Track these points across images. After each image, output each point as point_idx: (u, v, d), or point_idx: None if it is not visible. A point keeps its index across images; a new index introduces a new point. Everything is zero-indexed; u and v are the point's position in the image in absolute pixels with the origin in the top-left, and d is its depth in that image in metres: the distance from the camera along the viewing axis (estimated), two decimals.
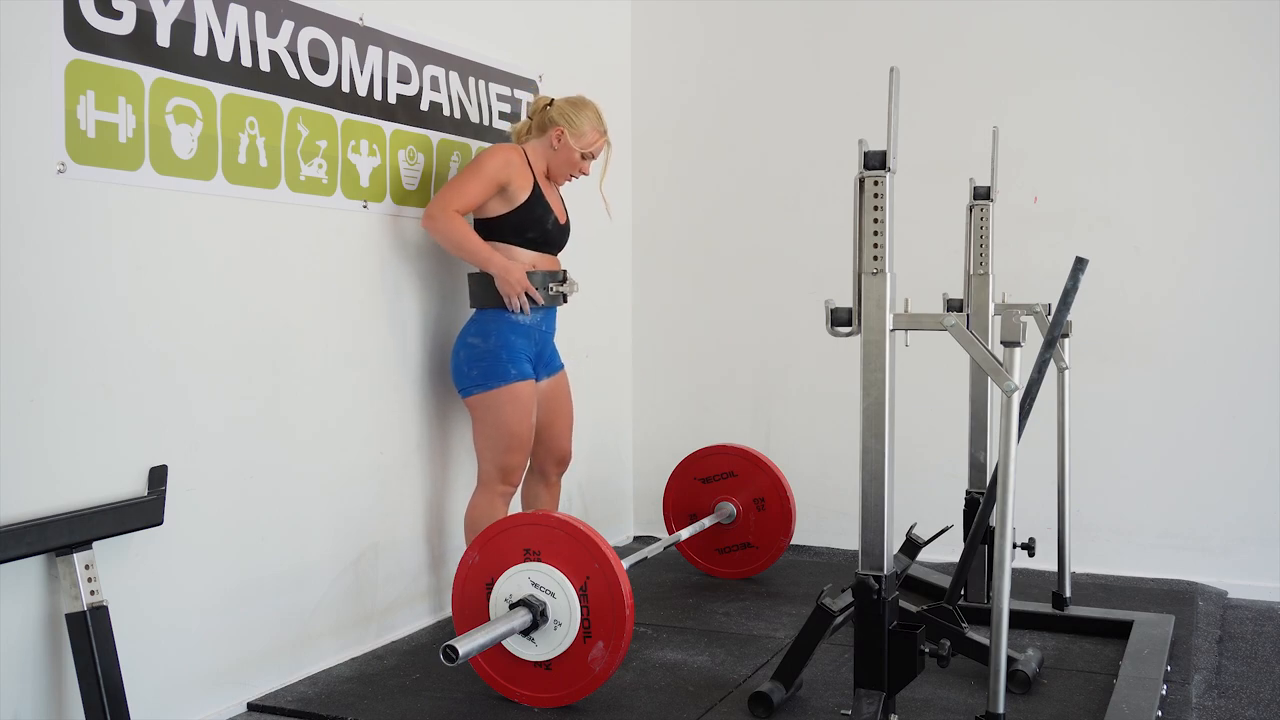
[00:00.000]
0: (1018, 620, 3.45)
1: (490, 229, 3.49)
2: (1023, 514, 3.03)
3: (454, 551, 3.74)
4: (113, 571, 2.58)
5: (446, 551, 3.74)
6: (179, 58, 2.75)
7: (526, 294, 3.43)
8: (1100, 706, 2.89)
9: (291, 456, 3.13)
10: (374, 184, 3.40)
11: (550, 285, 3.52)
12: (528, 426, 3.50)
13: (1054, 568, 3.60)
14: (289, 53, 3.08)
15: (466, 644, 2.68)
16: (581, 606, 2.86)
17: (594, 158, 3.63)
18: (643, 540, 4.90)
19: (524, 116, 3.66)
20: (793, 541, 4.26)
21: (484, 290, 3.48)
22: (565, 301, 3.60)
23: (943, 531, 3.44)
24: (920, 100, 4.12)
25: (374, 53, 3.39)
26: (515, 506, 3.94)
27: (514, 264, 3.43)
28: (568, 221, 3.68)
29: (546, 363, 3.64)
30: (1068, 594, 3.55)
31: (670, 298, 4.95)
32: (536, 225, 3.51)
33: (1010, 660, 2.99)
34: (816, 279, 4.52)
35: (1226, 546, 4.17)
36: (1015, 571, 3.55)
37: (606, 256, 4.76)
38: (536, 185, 3.52)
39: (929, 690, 2.99)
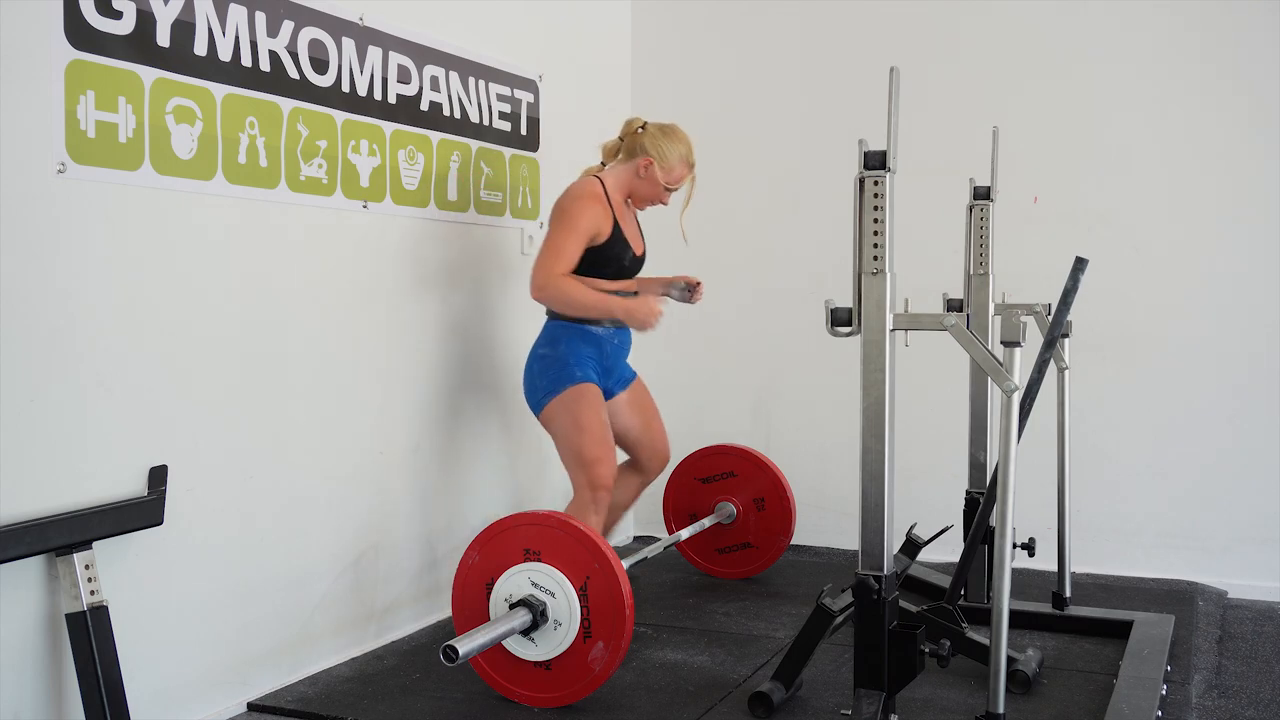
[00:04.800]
0: (1018, 620, 3.45)
1: None
2: (1023, 514, 3.02)
3: (454, 551, 3.74)
4: (113, 571, 2.58)
5: (446, 551, 3.74)
6: (179, 58, 2.75)
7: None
8: (1100, 706, 2.89)
9: (291, 456, 3.13)
10: (374, 184, 3.40)
11: None
12: (601, 422, 3.51)
13: (1054, 568, 3.60)
14: (289, 53, 3.08)
15: (466, 644, 2.68)
16: (581, 606, 2.86)
17: (674, 191, 3.67)
18: (643, 540, 4.89)
19: (617, 136, 3.69)
20: (793, 541, 4.26)
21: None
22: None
23: (943, 531, 3.44)
24: (920, 100, 4.11)
25: (374, 53, 3.39)
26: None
27: (636, 303, 3.42)
28: (644, 252, 3.73)
29: (619, 376, 3.71)
30: (1068, 594, 3.55)
31: None
32: (614, 262, 3.56)
33: (1010, 660, 2.99)
34: (816, 279, 4.52)
35: (1226, 546, 4.16)
36: (1015, 571, 3.54)
37: None
38: (616, 224, 3.55)
39: (929, 690, 2.99)
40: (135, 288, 2.67)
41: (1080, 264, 2.94)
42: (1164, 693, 2.97)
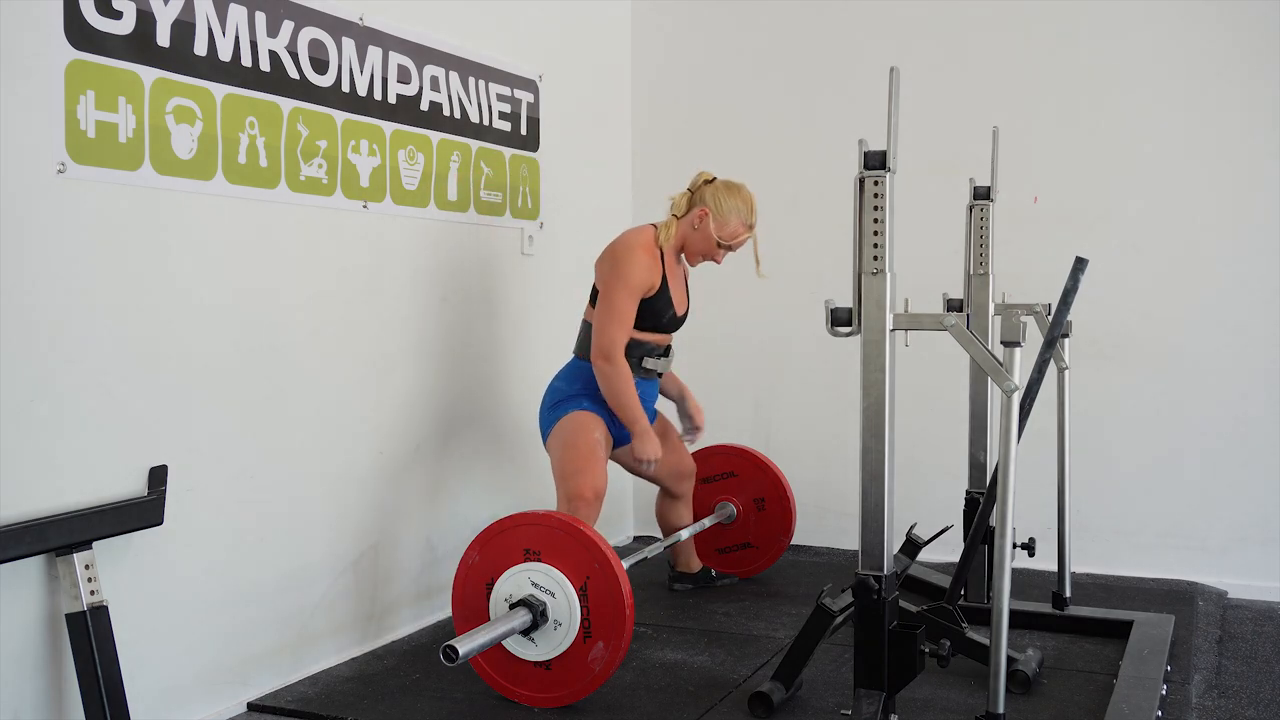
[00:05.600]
0: (1018, 620, 3.44)
1: None
2: (1023, 514, 3.02)
3: (454, 551, 3.74)
4: (113, 571, 2.58)
5: (446, 551, 3.74)
6: (179, 58, 2.75)
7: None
8: (1100, 706, 2.89)
9: (291, 457, 3.13)
10: (374, 184, 3.40)
11: (646, 359, 3.64)
12: (590, 441, 3.52)
13: (1054, 568, 3.60)
14: (289, 53, 3.08)
15: (466, 644, 2.68)
16: (582, 606, 2.86)
17: (732, 250, 3.67)
18: (643, 540, 4.89)
19: (686, 188, 3.73)
20: (793, 541, 4.26)
21: (589, 343, 3.57)
22: (659, 376, 3.74)
23: (943, 531, 3.44)
24: (920, 100, 4.12)
25: (374, 53, 3.39)
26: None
27: (654, 439, 3.56)
28: (686, 312, 3.76)
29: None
30: (1068, 594, 3.55)
31: None
32: (654, 317, 3.60)
33: (1010, 660, 2.99)
34: (816, 279, 4.52)
35: (1226, 546, 4.17)
36: (1015, 571, 3.54)
37: None
38: (664, 279, 3.59)
39: (929, 690, 2.99)
40: (135, 287, 2.67)
41: (1080, 264, 2.94)
42: (1164, 693, 2.97)
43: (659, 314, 3.60)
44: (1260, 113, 4.09)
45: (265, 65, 3.00)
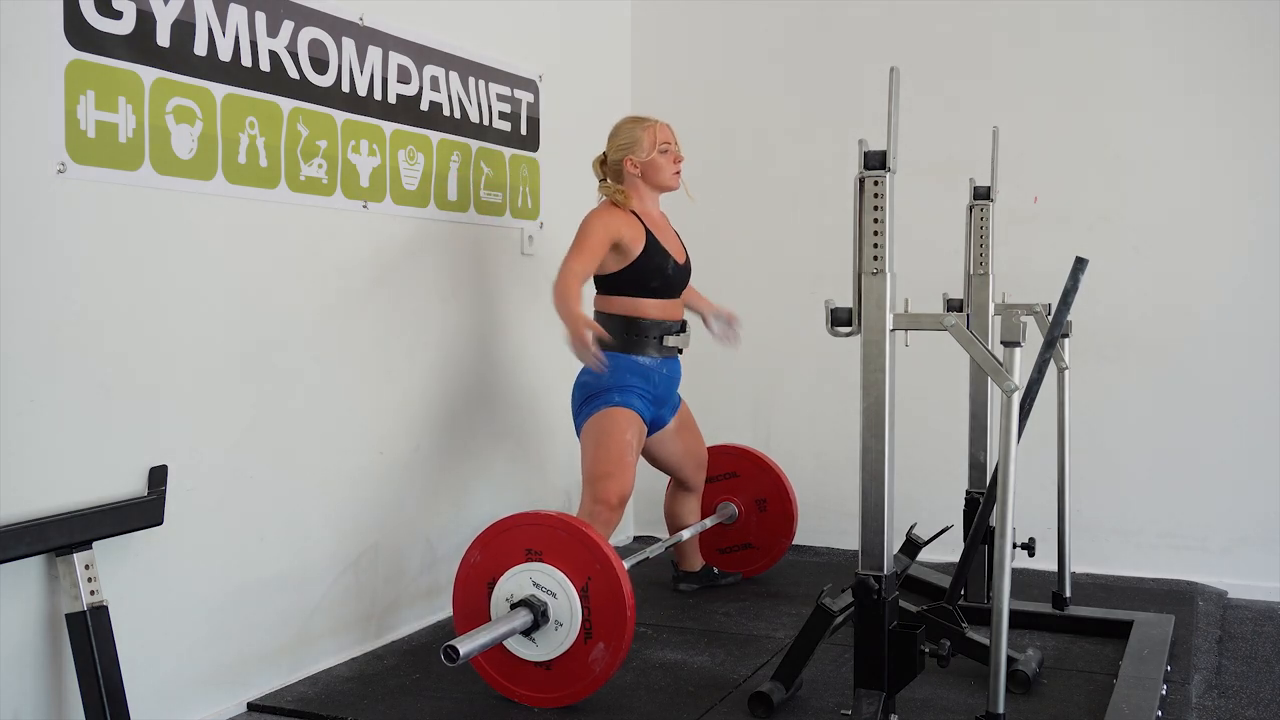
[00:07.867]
0: (1018, 620, 3.44)
1: (613, 284, 3.60)
2: (1023, 514, 3.02)
3: (454, 551, 3.74)
4: (113, 571, 2.58)
5: (446, 551, 3.74)
6: (179, 58, 2.75)
7: (597, 341, 3.27)
8: (1100, 706, 2.89)
9: (291, 456, 3.13)
10: (374, 184, 3.40)
11: (666, 338, 3.64)
12: (623, 443, 3.52)
13: (1054, 568, 3.60)
14: (289, 53, 3.08)
15: (467, 644, 2.68)
16: (583, 607, 2.86)
17: (670, 146, 3.70)
18: (643, 540, 4.89)
19: (598, 181, 3.75)
20: (793, 541, 4.26)
21: (606, 331, 3.55)
22: (680, 352, 3.74)
23: (943, 531, 3.44)
24: (920, 100, 4.12)
25: (374, 53, 3.39)
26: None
27: (585, 339, 3.21)
28: (687, 260, 3.78)
29: (671, 405, 3.79)
30: (1068, 594, 3.55)
31: None
32: (657, 273, 3.60)
33: (1010, 660, 2.99)
34: (816, 279, 4.52)
35: (1226, 546, 4.16)
36: (1015, 571, 3.54)
37: None
38: (650, 233, 3.60)
39: (929, 690, 2.99)
40: (135, 287, 2.67)
41: (1080, 264, 2.94)
42: (1164, 693, 2.97)
43: (661, 268, 3.61)
44: (1261, 113, 4.09)
45: (265, 65, 3.00)
